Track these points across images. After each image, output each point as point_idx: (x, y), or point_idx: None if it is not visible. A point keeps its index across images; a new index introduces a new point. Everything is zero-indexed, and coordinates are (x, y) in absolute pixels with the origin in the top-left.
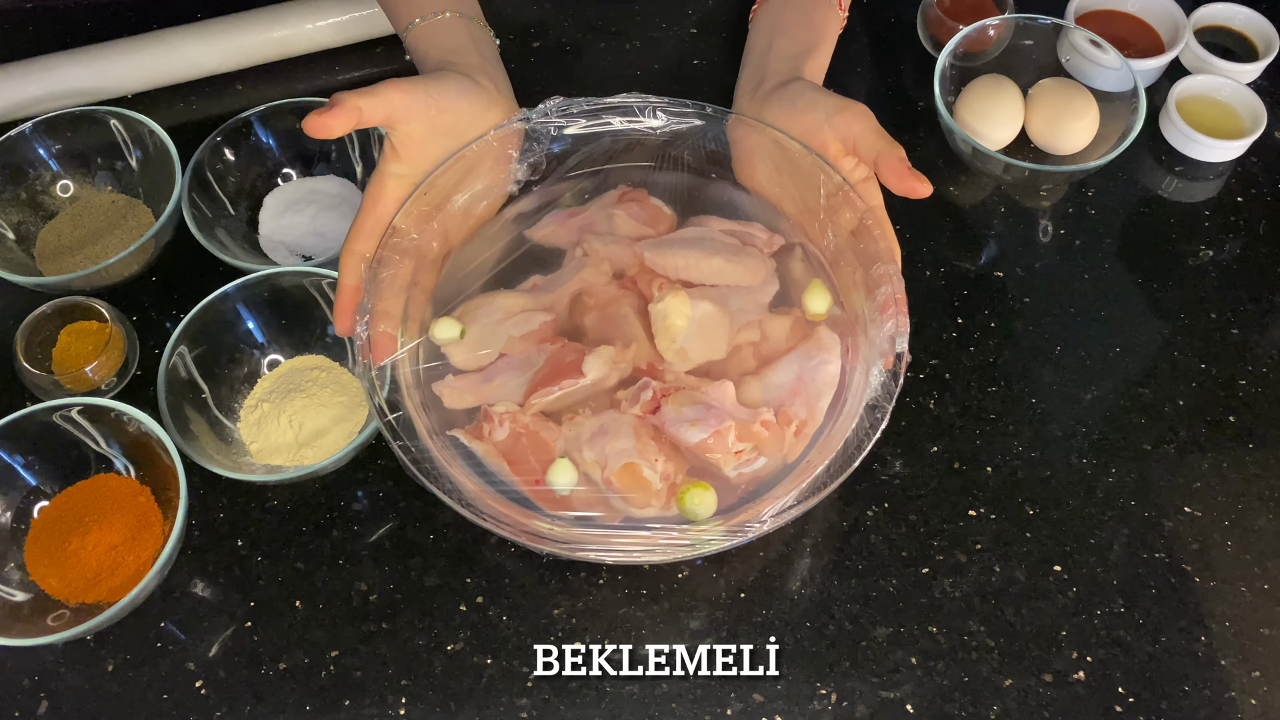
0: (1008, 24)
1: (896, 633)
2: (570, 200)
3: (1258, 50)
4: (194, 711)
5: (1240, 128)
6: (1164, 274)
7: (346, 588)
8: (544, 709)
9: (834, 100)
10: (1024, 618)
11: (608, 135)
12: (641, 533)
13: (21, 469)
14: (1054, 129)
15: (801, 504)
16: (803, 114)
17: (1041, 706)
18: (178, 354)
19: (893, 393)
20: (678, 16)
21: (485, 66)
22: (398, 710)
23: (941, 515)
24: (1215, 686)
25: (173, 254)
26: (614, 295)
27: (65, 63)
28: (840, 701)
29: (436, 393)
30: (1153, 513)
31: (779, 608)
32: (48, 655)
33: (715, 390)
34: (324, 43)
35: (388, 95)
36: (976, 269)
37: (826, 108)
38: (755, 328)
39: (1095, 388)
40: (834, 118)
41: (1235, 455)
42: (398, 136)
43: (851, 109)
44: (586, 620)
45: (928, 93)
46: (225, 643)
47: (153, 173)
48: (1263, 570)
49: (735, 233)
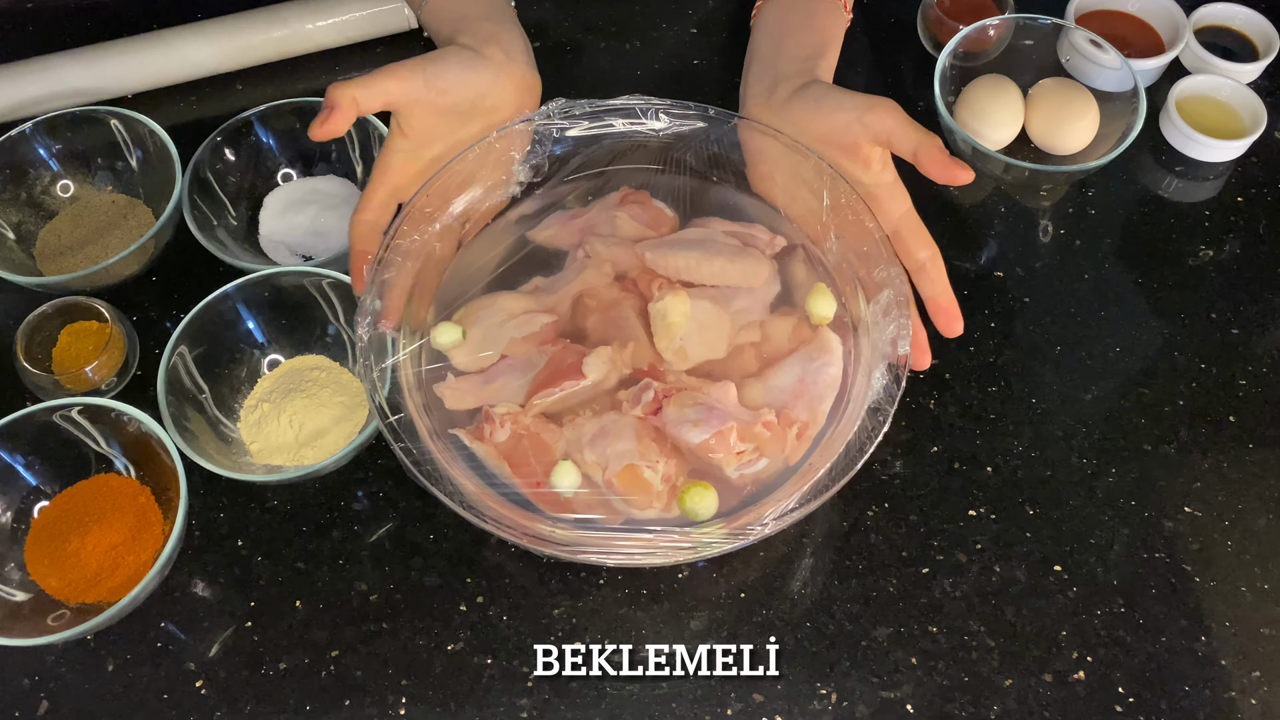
0: (1008, 24)
1: (896, 633)
2: (573, 202)
3: (1258, 50)
4: (194, 711)
5: (1240, 128)
6: (1164, 274)
7: (347, 588)
8: (544, 709)
9: (861, 98)
10: (1024, 618)
11: (610, 137)
12: (643, 535)
13: (22, 469)
14: (1054, 129)
15: (803, 507)
16: (830, 114)
17: (1041, 706)
18: (178, 354)
19: (895, 395)
20: (678, 16)
21: (497, 34)
22: (398, 710)
23: (941, 515)
24: (1215, 686)
25: (173, 254)
26: (616, 297)
27: (65, 63)
28: (840, 701)
29: (438, 394)
30: (1153, 513)
31: (779, 608)
32: (48, 655)
33: (717, 391)
34: (324, 43)
35: (384, 84)
36: (976, 269)
37: (856, 106)
38: (757, 329)
39: (1095, 388)
40: (865, 115)
41: (1235, 455)
42: (402, 119)
43: (881, 105)
44: (587, 620)
45: (928, 93)
46: (225, 643)
47: (153, 173)
48: (1263, 570)
49: (737, 234)
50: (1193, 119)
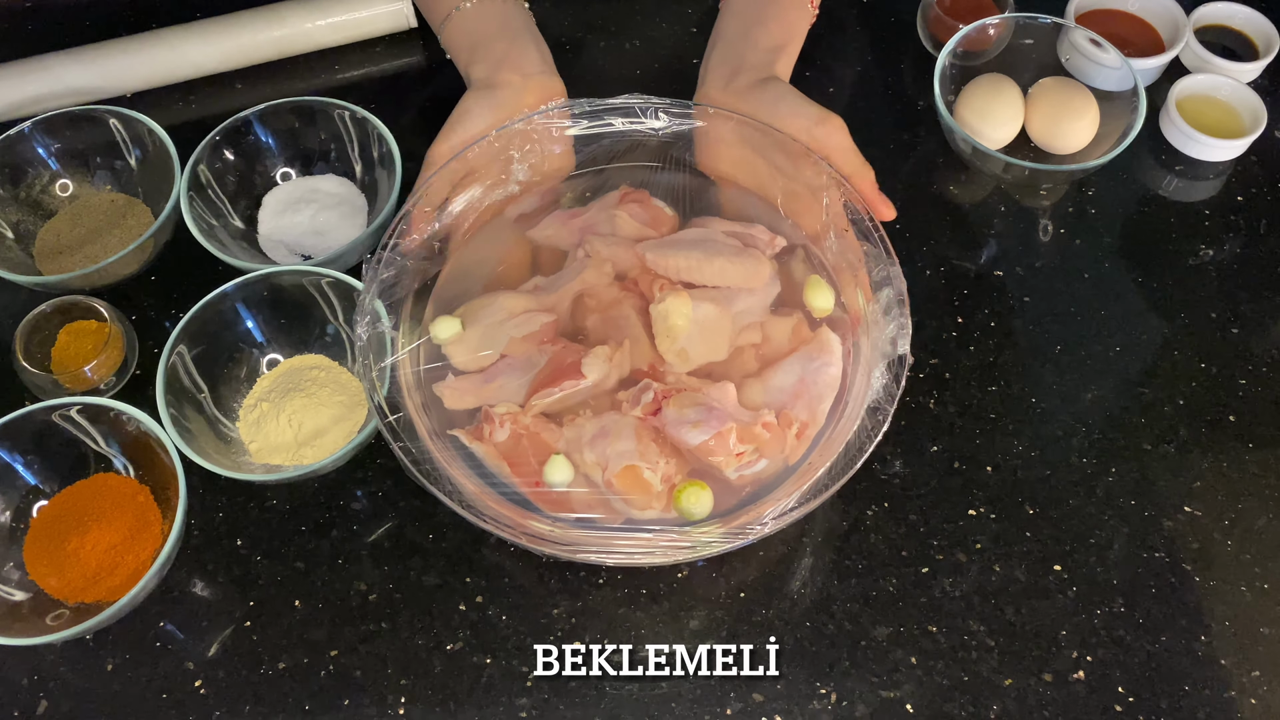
0: (1008, 23)
1: (896, 632)
2: (571, 201)
3: (1258, 49)
4: (193, 711)
5: (1240, 127)
6: (1164, 274)
7: (346, 587)
8: (544, 709)
9: (815, 111)
10: (1024, 617)
11: (610, 136)
12: (642, 535)
13: (21, 468)
14: (1054, 128)
15: (803, 506)
16: (785, 118)
17: (1041, 706)
18: (177, 353)
19: (894, 395)
20: (678, 16)
21: (509, 53)
22: (397, 710)
23: (941, 515)
24: (1215, 686)
25: (172, 253)
26: (616, 296)
27: (64, 62)
28: (840, 701)
29: (437, 393)
30: (1153, 512)
31: (779, 607)
32: (47, 655)
33: (717, 392)
34: (323, 42)
35: (436, 164)
36: (976, 269)
37: (809, 116)
38: (757, 329)
39: (1095, 388)
40: (815, 128)
41: (1235, 455)
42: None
43: (832, 121)
44: (586, 620)
45: (928, 92)
46: (224, 642)
47: (152, 172)
48: (1263, 570)
49: (737, 234)
50: (1193, 118)
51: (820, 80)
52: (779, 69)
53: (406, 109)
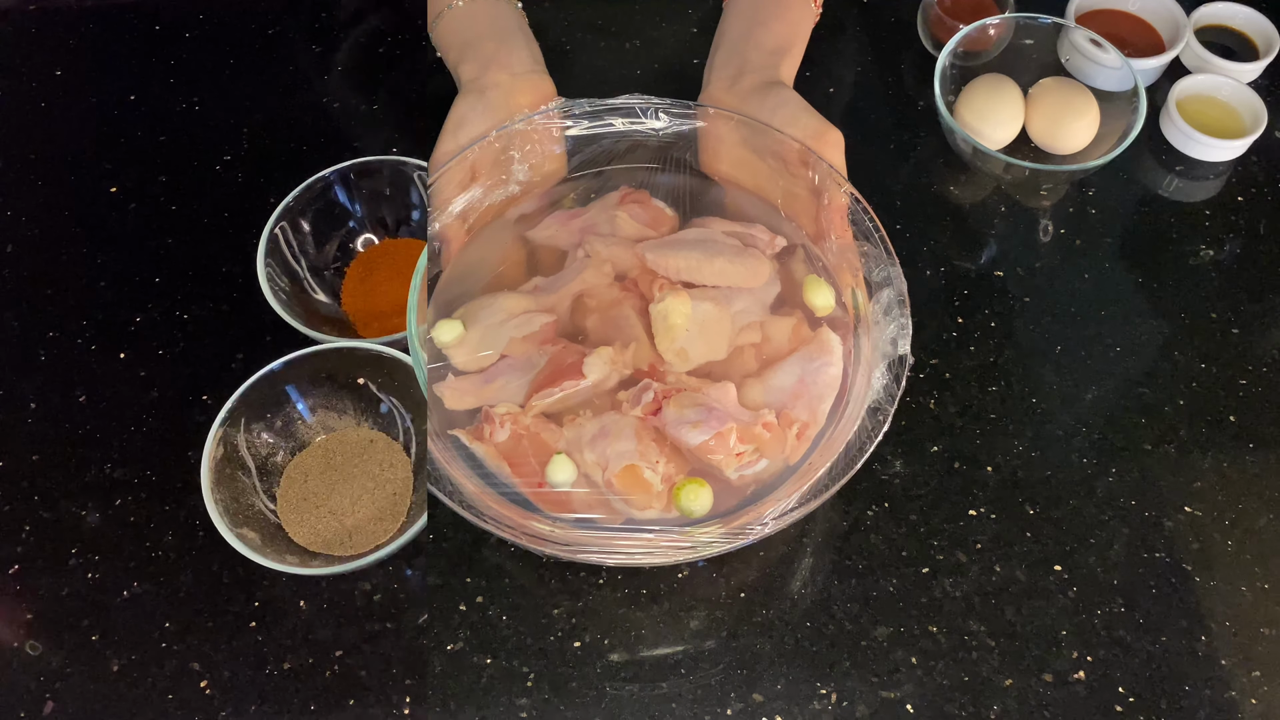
0: (1008, 23)
1: (896, 633)
2: (572, 201)
3: (1258, 50)
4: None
5: (1240, 127)
6: (1164, 274)
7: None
8: (544, 709)
9: (816, 123)
10: (1024, 618)
11: (610, 136)
12: (643, 535)
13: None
14: (1054, 128)
15: (803, 506)
16: (785, 127)
17: (1041, 706)
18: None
19: (895, 395)
20: (678, 16)
21: (497, 53)
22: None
23: (941, 515)
24: (1215, 686)
25: None
26: (616, 297)
27: None
28: (840, 701)
29: (437, 394)
30: (1153, 513)
31: (779, 608)
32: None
33: (717, 392)
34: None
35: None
36: (976, 269)
37: (808, 128)
38: (757, 329)
39: (1095, 388)
40: (811, 141)
41: (1235, 455)
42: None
43: (830, 135)
44: (586, 620)
45: (928, 92)
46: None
47: None
48: (1263, 570)
49: (737, 234)
50: (1193, 118)
51: (820, 80)
52: (783, 72)
53: None
